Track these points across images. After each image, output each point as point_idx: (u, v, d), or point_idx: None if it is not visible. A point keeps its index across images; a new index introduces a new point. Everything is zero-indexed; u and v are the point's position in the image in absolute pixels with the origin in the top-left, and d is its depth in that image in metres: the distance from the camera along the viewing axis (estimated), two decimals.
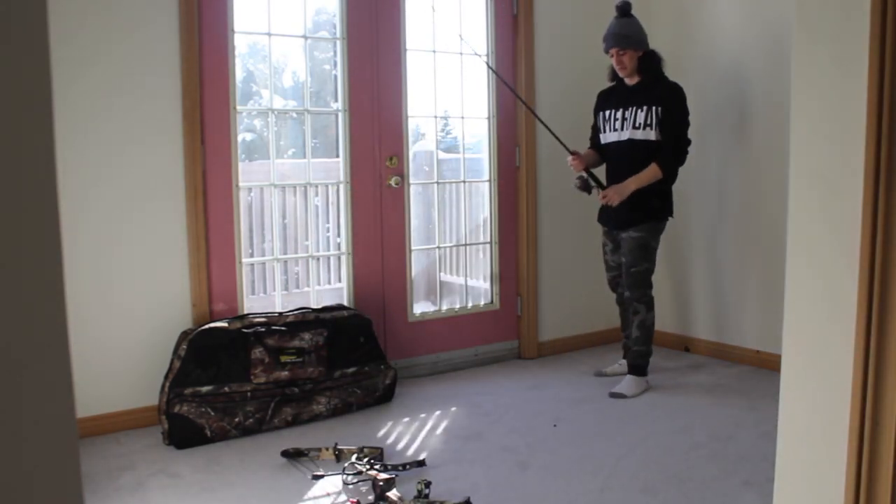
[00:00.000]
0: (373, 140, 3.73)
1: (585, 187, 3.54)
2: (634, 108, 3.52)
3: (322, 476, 2.66)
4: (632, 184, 3.46)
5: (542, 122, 3.64)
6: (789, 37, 3.58)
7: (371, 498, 2.45)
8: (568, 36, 4.22)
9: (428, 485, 2.42)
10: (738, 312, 4.02)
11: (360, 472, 2.62)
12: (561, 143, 3.57)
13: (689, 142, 3.52)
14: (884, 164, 1.46)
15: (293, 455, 2.82)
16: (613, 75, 3.66)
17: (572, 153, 3.57)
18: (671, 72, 3.64)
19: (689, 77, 4.08)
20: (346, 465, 2.68)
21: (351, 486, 2.58)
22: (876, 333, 1.48)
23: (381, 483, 2.43)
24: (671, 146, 3.46)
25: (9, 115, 0.54)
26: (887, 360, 1.47)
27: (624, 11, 3.53)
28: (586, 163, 3.60)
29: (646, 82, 3.53)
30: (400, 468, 2.67)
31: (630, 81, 3.57)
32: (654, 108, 3.47)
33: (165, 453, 2.91)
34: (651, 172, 3.46)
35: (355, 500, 2.42)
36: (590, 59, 4.02)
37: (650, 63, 3.52)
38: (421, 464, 2.73)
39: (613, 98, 3.63)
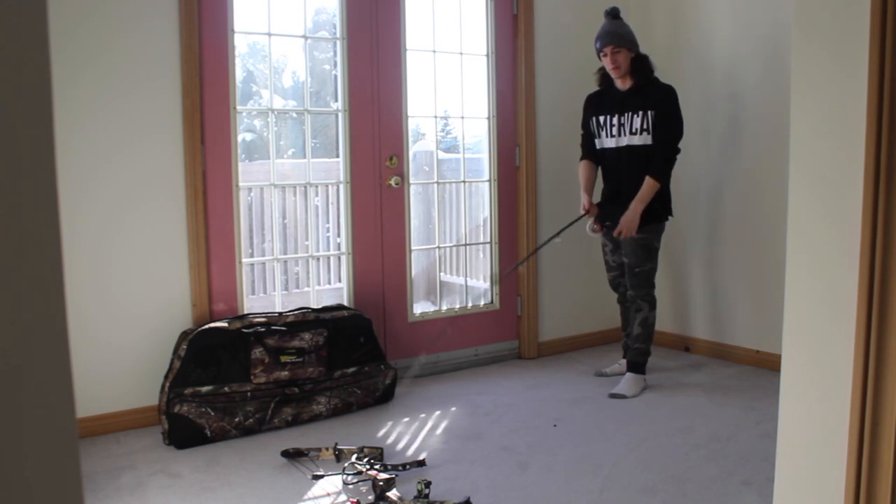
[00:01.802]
0: (373, 140, 3.72)
1: (598, 227, 3.70)
2: (630, 114, 3.51)
3: (322, 476, 2.66)
4: (638, 208, 3.46)
5: (540, 247, 3.97)
6: (786, 37, 3.58)
7: (371, 498, 2.45)
8: (568, 36, 4.22)
9: (428, 485, 2.42)
10: (738, 312, 4.02)
11: (360, 472, 2.62)
12: (569, 225, 3.70)
13: (678, 150, 3.50)
14: (884, 164, 1.46)
15: (293, 455, 2.82)
16: (603, 79, 3.66)
17: (585, 214, 3.68)
18: (668, 72, 3.63)
19: (685, 77, 4.08)
20: (346, 465, 2.69)
21: (351, 486, 2.58)
22: (876, 333, 1.48)
23: (381, 483, 2.44)
24: (662, 155, 3.46)
25: (9, 114, 0.54)
26: (887, 360, 1.47)
27: (614, 15, 3.53)
28: (591, 196, 3.69)
29: (638, 86, 3.51)
30: (400, 468, 2.67)
31: (622, 85, 3.56)
32: (648, 112, 3.46)
33: (165, 453, 2.91)
34: (650, 189, 3.46)
35: (355, 500, 2.42)
36: (590, 59, 4.00)
37: (642, 66, 3.51)
38: (421, 464, 2.73)
39: (606, 103, 3.61)
